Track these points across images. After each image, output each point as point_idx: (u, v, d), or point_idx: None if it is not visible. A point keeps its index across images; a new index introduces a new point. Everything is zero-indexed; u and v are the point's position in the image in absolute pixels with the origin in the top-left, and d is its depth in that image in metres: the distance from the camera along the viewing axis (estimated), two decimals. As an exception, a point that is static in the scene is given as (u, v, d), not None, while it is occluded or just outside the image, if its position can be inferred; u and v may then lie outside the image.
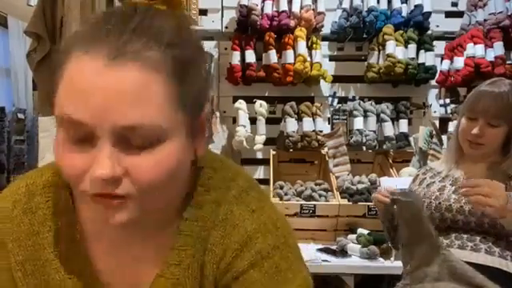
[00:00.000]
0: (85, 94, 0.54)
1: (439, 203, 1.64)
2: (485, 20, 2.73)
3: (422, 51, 2.83)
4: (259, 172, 2.97)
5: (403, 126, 2.84)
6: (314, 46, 2.83)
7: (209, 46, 2.93)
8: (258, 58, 2.85)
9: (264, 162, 2.93)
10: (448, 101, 2.95)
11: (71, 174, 0.58)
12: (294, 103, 2.83)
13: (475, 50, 2.65)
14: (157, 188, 0.58)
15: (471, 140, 1.62)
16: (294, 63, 2.75)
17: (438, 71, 2.84)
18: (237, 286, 0.67)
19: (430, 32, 2.87)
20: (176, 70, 0.58)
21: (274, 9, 2.83)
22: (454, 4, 2.98)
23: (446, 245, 1.60)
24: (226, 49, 2.95)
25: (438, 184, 1.71)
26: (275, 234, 0.68)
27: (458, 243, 1.59)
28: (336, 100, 2.99)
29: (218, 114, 2.86)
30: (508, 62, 2.70)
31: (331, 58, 3.00)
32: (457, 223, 1.61)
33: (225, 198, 0.69)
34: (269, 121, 2.84)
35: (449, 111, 2.92)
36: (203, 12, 2.95)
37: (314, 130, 2.81)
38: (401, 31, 2.82)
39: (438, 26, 2.95)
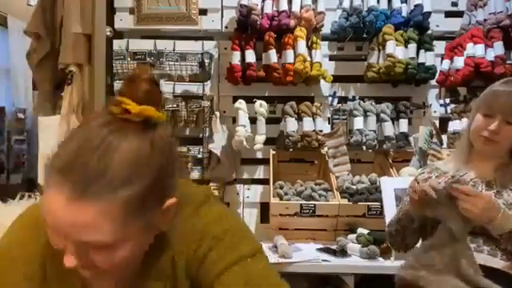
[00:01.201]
0: (54, 226, 0.76)
1: None
2: (485, 20, 2.73)
3: (422, 51, 2.83)
4: (259, 172, 2.97)
5: (403, 125, 2.83)
6: (314, 45, 2.82)
7: (209, 45, 2.93)
8: (258, 58, 2.84)
9: (264, 161, 2.93)
10: (448, 101, 2.95)
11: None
12: (293, 103, 2.83)
13: (475, 49, 2.65)
14: (114, 269, 0.80)
15: (487, 136, 1.61)
16: (294, 63, 2.74)
17: (438, 71, 2.83)
18: (202, 269, 0.87)
19: (430, 32, 2.86)
20: (128, 208, 0.75)
21: (274, 8, 2.83)
22: (454, 4, 2.97)
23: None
24: (225, 49, 2.94)
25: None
26: (224, 222, 0.91)
27: (473, 246, 1.55)
28: (336, 100, 2.98)
29: (217, 113, 2.86)
30: (508, 62, 2.69)
31: (331, 58, 2.99)
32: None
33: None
34: (269, 121, 2.83)
35: (449, 111, 2.91)
36: (203, 12, 2.95)
37: (314, 130, 2.80)
38: (401, 31, 2.81)
39: (438, 26, 2.94)
